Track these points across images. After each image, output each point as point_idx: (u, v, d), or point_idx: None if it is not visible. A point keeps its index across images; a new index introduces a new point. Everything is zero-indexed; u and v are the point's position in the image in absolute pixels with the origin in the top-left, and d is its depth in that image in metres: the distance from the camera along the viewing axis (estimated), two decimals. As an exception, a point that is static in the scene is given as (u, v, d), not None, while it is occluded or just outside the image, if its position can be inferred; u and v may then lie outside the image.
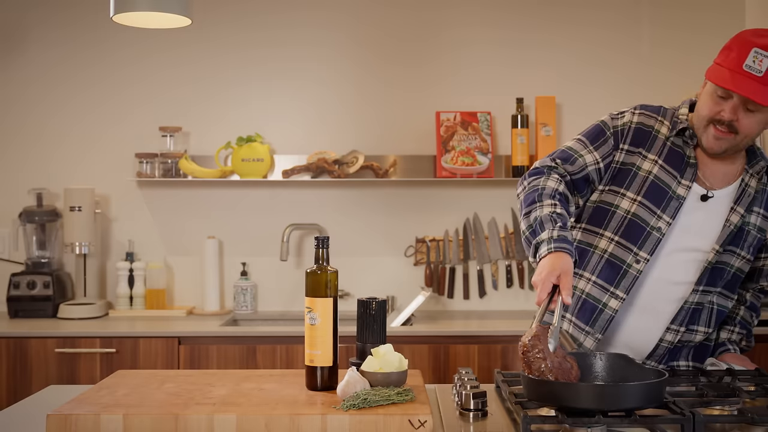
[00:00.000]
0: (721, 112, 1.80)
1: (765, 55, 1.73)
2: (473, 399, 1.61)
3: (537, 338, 1.55)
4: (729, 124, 1.79)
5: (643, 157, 1.89)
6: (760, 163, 1.92)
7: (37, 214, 3.44)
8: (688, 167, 1.87)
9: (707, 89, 1.84)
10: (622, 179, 1.89)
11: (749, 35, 1.78)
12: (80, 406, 1.55)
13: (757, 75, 1.73)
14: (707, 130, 1.83)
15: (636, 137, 1.90)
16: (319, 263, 1.72)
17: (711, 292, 1.90)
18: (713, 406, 1.58)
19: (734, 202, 1.88)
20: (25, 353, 3.02)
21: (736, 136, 1.81)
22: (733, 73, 1.75)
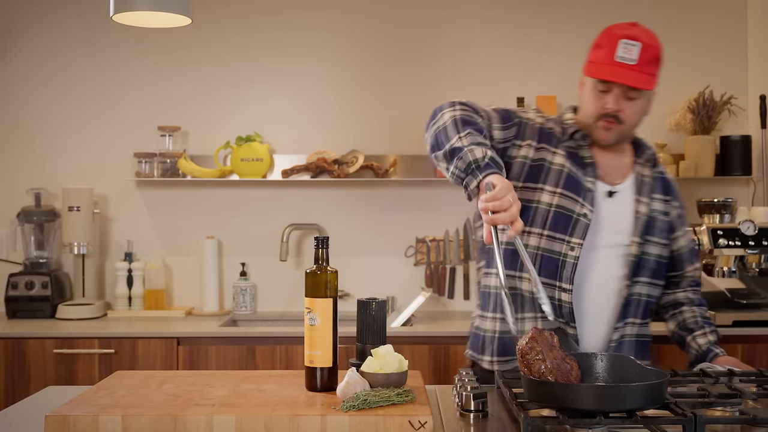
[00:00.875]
0: (605, 105, 1.89)
1: (633, 44, 1.85)
2: (474, 400, 1.60)
3: (534, 340, 1.55)
4: (615, 115, 1.89)
5: (552, 152, 1.94)
6: (648, 152, 2.02)
7: (35, 214, 3.43)
8: (587, 167, 1.94)
9: (588, 88, 1.93)
10: (537, 175, 1.92)
11: (614, 29, 1.89)
12: (79, 407, 1.54)
13: (631, 63, 1.84)
14: (596, 125, 1.92)
15: (541, 135, 1.96)
16: (319, 263, 1.71)
17: (639, 283, 1.94)
18: (715, 407, 1.57)
19: (636, 193, 1.96)
20: (23, 354, 3.02)
21: (622, 126, 1.91)
22: (609, 66, 1.85)
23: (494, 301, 1.98)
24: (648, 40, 1.88)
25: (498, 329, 1.97)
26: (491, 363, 1.98)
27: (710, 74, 3.55)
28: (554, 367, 1.53)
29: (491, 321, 1.99)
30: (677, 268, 2.09)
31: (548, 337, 1.57)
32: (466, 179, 1.72)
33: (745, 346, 2.97)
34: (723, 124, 3.55)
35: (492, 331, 1.99)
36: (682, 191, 3.45)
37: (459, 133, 1.79)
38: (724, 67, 3.57)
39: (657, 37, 1.91)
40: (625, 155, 2.01)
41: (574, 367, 1.58)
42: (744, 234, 2.97)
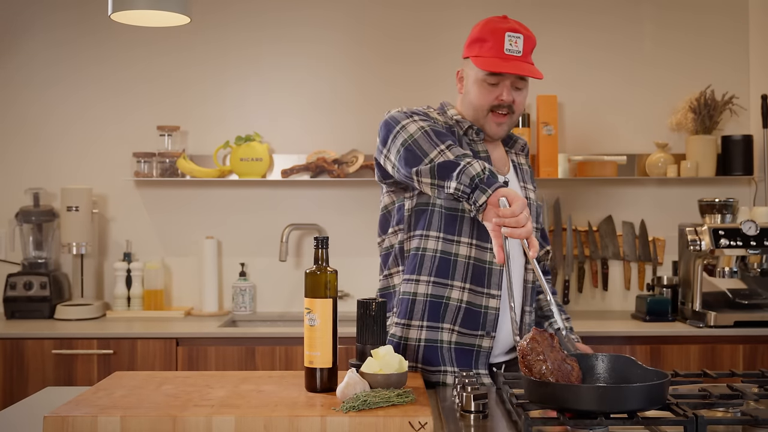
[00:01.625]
0: (498, 96, 1.92)
1: (517, 36, 1.93)
2: (474, 401, 1.59)
3: (535, 341, 1.54)
4: (508, 105, 1.93)
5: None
6: (519, 142, 2.08)
7: (33, 214, 3.42)
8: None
9: (474, 81, 1.95)
10: None
11: (496, 24, 1.95)
12: (77, 408, 1.54)
13: (518, 55, 1.91)
14: (487, 118, 1.95)
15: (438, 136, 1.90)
16: (319, 263, 1.71)
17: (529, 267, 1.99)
18: (716, 408, 1.57)
19: (521, 181, 2.03)
20: (22, 355, 3.01)
21: (512, 117, 1.96)
22: (500, 59, 1.90)
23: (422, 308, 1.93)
24: (526, 31, 1.96)
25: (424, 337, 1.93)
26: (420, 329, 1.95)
27: (711, 74, 3.54)
28: (555, 368, 1.52)
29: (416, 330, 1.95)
30: None
31: (549, 338, 1.57)
32: (473, 195, 1.67)
33: (746, 346, 2.97)
34: (724, 123, 3.55)
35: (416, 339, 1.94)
36: (683, 191, 3.52)
37: (438, 146, 1.77)
38: (725, 67, 3.56)
39: (528, 28, 2.00)
40: (500, 146, 2.06)
41: (575, 368, 1.57)
42: (745, 234, 2.98)
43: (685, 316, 3.15)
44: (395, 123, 1.88)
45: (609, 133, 3.58)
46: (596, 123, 3.57)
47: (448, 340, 1.93)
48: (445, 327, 1.93)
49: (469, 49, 1.99)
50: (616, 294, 3.55)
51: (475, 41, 1.96)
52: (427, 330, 1.94)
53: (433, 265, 1.91)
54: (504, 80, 1.92)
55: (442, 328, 1.93)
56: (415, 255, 1.94)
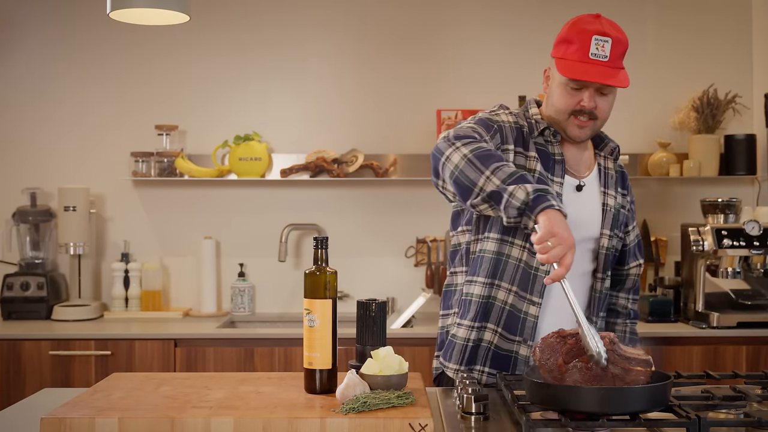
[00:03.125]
0: (580, 102, 1.88)
1: (604, 40, 1.85)
2: (475, 402, 1.59)
3: (551, 348, 1.52)
4: (590, 112, 1.88)
5: (526, 157, 1.91)
6: (610, 145, 2.03)
7: (30, 214, 3.42)
8: (556, 165, 1.92)
9: (558, 83, 1.90)
10: None
11: (583, 24, 1.89)
12: (75, 410, 1.54)
13: (604, 60, 1.84)
14: (569, 121, 1.90)
15: (517, 137, 1.92)
16: (318, 264, 1.71)
17: (607, 277, 1.97)
18: (719, 410, 1.57)
19: (603, 186, 1.97)
20: (19, 356, 3.01)
21: (595, 122, 1.91)
22: (583, 63, 1.84)
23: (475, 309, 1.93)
24: (616, 34, 1.88)
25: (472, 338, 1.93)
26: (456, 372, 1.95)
27: (714, 72, 3.54)
28: (575, 375, 1.50)
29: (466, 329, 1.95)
30: (623, 262, 2.07)
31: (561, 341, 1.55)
32: (522, 222, 1.66)
33: (749, 347, 2.97)
34: (727, 123, 3.54)
35: (464, 339, 1.94)
36: (687, 191, 3.51)
37: (483, 173, 1.71)
38: (728, 66, 3.56)
39: (621, 29, 1.91)
40: (588, 147, 2.03)
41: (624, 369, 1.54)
42: (749, 234, 2.98)
43: (688, 317, 3.15)
44: (440, 154, 1.83)
45: (611, 131, 3.52)
46: (598, 122, 3.56)
47: (489, 340, 1.92)
48: (489, 327, 1.92)
49: (556, 49, 1.93)
50: (618, 294, 3.54)
51: (562, 41, 1.91)
52: (476, 330, 1.93)
53: (489, 266, 1.91)
54: (588, 86, 1.87)
55: (486, 328, 1.92)
56: (477, 257, 1.94)
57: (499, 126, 1.90)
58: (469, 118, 1.94)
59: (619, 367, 1.50)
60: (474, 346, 1.92)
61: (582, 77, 1.84)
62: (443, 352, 1.99)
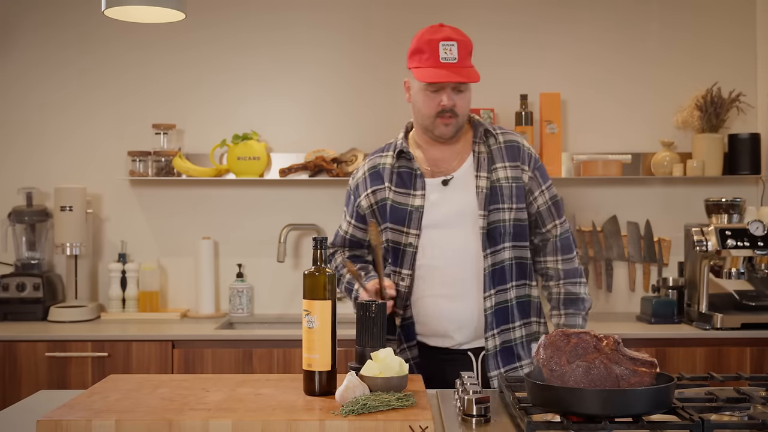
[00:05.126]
0: (440, 103, 2.10)
1: (451, 44, 2.08)
2: (476, 404, 1.58)
3: (554, 347, 1.51)
4: (451, 110, 2.10)
5: (384, 189, 2.20)
6: (480, 129, 2.21)
7: (26, 214, 3.41)
8: (417, 179, 2.16)
9: (417, 90, 2.14)
10: (383, 214, 2.18)
11: (428, 35, 2.11)
12: (71, 412, 1.54)
13: (453, 62, 2.07)
14: (435, 122, 2.13)
15: (373, 180, 2.22)
16: (318, 264, 1.71)
17: (502, 250, 2.13)
18: (723, 412, 1.56)
19: (476, 170, 2.16)
20: (14, 357, 2.99)
21: (458, 119, 2.12)
22: (437, 69, 2.07)
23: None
24: (460, 37, 2.10)
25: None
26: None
27: (718, 71, 3.52)
28: (579, 369, 1.50)
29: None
30: (539, 226, 2.20)
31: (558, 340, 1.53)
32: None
33: (753, 349, 2.96)
34: (731, 121, 3.52)
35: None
36: (690, 191, 3.49)
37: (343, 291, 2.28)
38: (732, 64, 3.54)
39: (463, 32, 2.13)
40: (460, 141, 2.21)
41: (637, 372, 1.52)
42: (753, 234, 2.97)
43: (691, 318, 3.13)
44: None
45: (613, 131, 3.55)
46: (600, 121, 3.55)
47: None
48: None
49: (410, 60, 2.16)
50: (621, 295, 3.53)
51: (414, 53, 2.13)
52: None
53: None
54: (444, 87, 2.09)
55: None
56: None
57: (354, 187, 2.27)
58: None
59: (624, 367, 1.49)
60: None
61: (438, 80, 2.07)
62: None
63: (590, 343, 1.52)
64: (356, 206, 2.24)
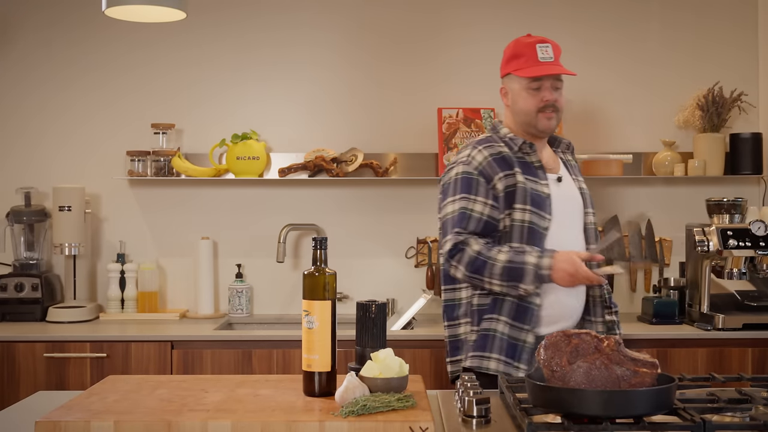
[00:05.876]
0: (543, 98, 2.33)
1: (546, 45, 2.33)
2: (476, 405, 1.59)
3: (555, 347, 1.51)
4: (553, 104, 2.34)
5: (514, 174, 2.31)
6: (563, 142, 2.52)
7: (25, 214, 3.40)
8: (537, 170, 2.34)
9: (519, 91, 2.36)
10: (513, 198, 2.30)
11: (524, 40, 2.37)
12: (70, 413, 1.54)
13: (551, 60, 2.33)
14: (537, 117, 2.34)
15: (499, 165, 2.32)
16: (317, 265, 1.71)
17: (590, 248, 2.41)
18: (725, 413, 1.57)
19: (572, 175, 2.45)
20: (13, 358, 2.98)
21: (558, 114, 2.37)
22: (538, 66, 2.31)
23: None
24: (552, 41, 2.37)
25: (507, 332, 2.32)
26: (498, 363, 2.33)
27: (720, 70, 3.51)
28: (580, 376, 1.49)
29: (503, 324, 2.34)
30: None
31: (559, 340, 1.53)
32: (527, 281, 2.24)
33: (755, 350, 2.94)
34: (733, 121, 3.51)
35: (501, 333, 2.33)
36: (691, 190, 3.49)
37: (483, 280, 2.28)
38: (734, 63, 3.53)
39: None
40: (548, 147, 2.47)
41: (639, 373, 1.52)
42: (754, 234, 2.96)
43: (693, 319, 3.12)
44: (447, 269, 2.40)
45: (614, 131, 3.54)
46: (601, 121, 3.54)
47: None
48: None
49: (508, 66, 2.39)
50: (622, 296, 3.52)
51: (511, 58, 2.37)
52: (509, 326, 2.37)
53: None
54: (544, 83, 2.32)
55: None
56: None
57: (479, 172, 2.30)
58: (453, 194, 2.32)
59: (625, 368, 1.48)
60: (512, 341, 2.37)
61: (541, 73, 2.29)
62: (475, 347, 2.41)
63: (591, 344, 1.52)
64: (490, 188, 2.30)
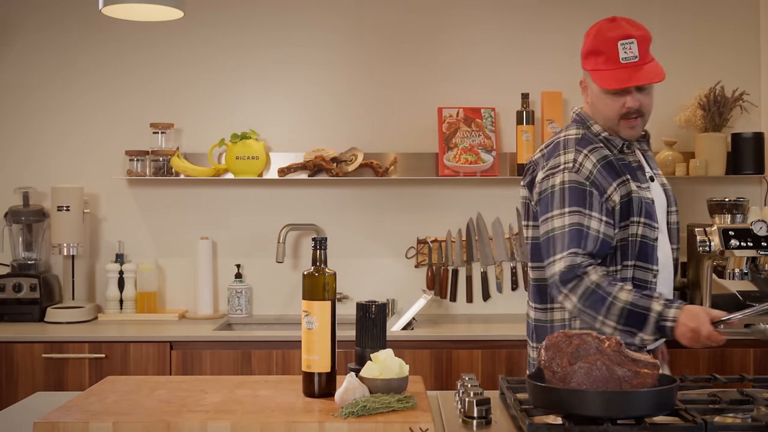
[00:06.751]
0: (626, 104, 2.02)
1: (630, 42, 1.98)
2: (477, 406, 1.59)
3: (556, 348, 1.50)
4: (637, 110, 2.03)
5: (627, 182, 2.03)
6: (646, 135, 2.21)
7: (23, 214, 3.39)
8: (637, 171, 2.07)
9: (599, 94, 2.04)
10: (629, 209, 2.02)
11: (606, 32, 2.01)
12: (68, 414, 1.54)
13: (635, 61, 1.98)
14: (620, 125, 2.05)
15: (609, 173, 2.02)
16: (317, 265, 1.71)
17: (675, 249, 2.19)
18: (726, 414, 1.56)
19: (654, 169, 2.17)
20: (11, 359, 2.98)
21: (644, 118, 2.07)
22: (617, 70, 1.98)
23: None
24: (638, 32, 2.00)
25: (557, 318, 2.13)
26: None
27: (722, 69, 3.51)
28: (583, 377, 1.48)
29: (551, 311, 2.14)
30: None
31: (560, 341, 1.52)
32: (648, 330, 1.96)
33: (757, 350, 2.94)
34: (735, 120, 3.50)
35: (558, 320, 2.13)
36: (693, 190, 3.48)
37: (597, 318, 1.93)
38: (736, 62, 3.53)
39: (639, 22, 2.03)
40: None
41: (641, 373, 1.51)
42: (756, 235, 2.95)
43: (694, 319, 3.11)
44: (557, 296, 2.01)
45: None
46: (601, 120, 3.53)
47: None
48: None
49: (586, 61, 2.06)
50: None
51: (590, 53, 2.04)
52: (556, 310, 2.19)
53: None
54: (628, 89, 2.00)
55: None
56: None
57: (591, 182, 1.99)
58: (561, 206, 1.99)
59: (626, 369, 1.48)
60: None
61: (621, 85, 1.97)
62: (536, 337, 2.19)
63: (592, 345, 1.51)
64: (604, 201, 1.98)
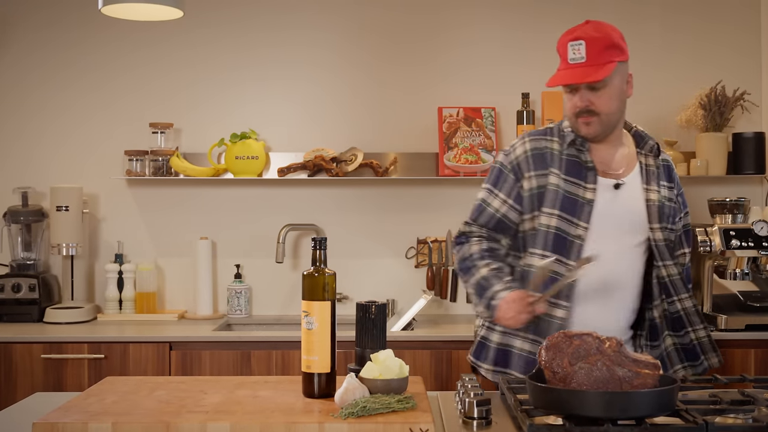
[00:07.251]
0: (575, 104, 2.10)
1: (578, 44, 2.06)
2: (477, 407, 1.59)
3: (557, 348, 1.51)
4: (587, 110, 2.08)
5: (549, 174, 2.13)
6: (649, 143, 2.22)
7: (22, 214, 3.39)
8: (587, 171, 2.12)
9: (563, 94, 2.15)
10: (542, 200, 2.12)
11: (564, 37, 2.11)
12: (67, 414, 1.54)
13: (581, 62, 2.06)
14: (577, 122, 2.11)
15: (536, 163, 2.14)
16: (317, 265, 1.71)
17: (660, 266, 2.17)
18: (727, 415, 1.56)
19: (644, 183, 2.17)
20: (10, 359, 2.97)
21: (599, 117, 2.09)
22: (566, 70, 2.08)
23: None
24: (593, 33, 2.06)
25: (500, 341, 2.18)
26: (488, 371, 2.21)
27: (722, 69, 3.50)
28: (583, 377, 1.49)
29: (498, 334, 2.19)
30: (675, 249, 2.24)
31: (560, 342, 1.52)
32: (480, 304, 2.12)
33: (758, 351, 2.93)
34: (735, 120, 3.50)
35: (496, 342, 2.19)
36: (693, 190, 3.48)
37: (468, 288, 2.16)
38: (737, 62, 3.52)
39: (607, 25, 2.09)
40: (626, 146, 2.20)
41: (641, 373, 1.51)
42: (757, 235, 2.95)
43: (694, 319, 3.11)
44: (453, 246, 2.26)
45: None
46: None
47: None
48: None
49: None
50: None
51: (558, 54, 2.15)
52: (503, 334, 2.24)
53: None
54: (577, 88, 2.08)
55: None
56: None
57: (513, 167, 2.16)
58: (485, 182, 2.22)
59: (627, 369, 1.48)
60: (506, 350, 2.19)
61: (558, 83, 2.08)
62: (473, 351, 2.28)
63: (593, 345, 1.51)
64: (517, 186, 2.15)
